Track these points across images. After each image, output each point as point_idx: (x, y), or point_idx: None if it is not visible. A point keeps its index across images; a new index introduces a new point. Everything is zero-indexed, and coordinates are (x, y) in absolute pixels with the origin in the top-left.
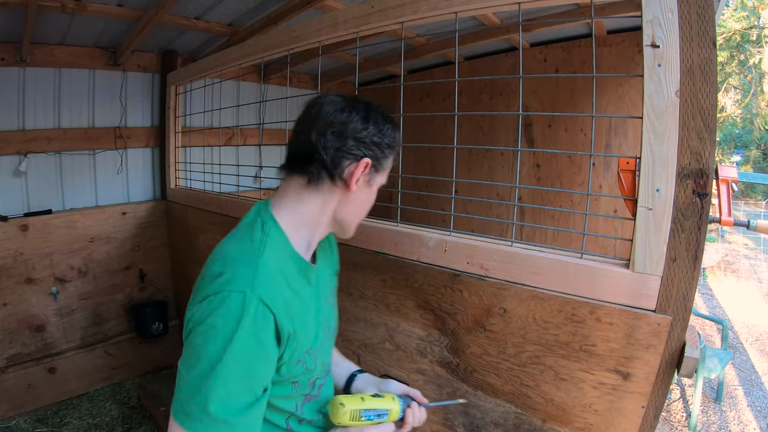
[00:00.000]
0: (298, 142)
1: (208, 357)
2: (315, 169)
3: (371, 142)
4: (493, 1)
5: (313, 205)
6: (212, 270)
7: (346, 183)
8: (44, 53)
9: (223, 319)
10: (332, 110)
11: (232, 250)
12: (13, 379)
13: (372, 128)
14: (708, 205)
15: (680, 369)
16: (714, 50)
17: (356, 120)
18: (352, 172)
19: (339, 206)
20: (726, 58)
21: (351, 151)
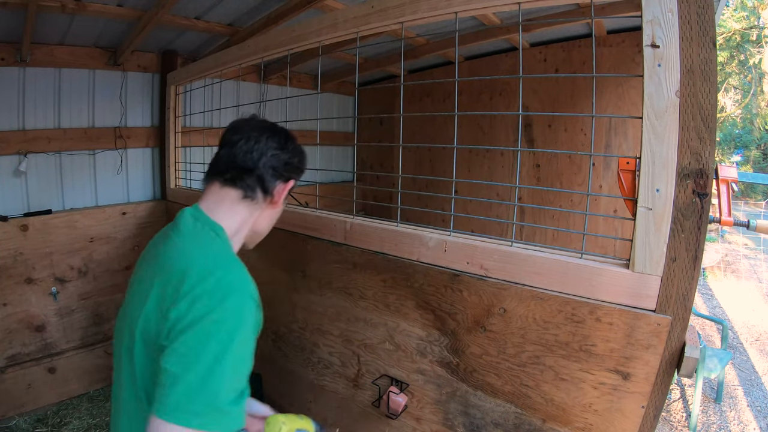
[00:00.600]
0: (238, 155)
1: (213, 353)
2: (252, 184)
3: (296, 167)
4: (493, 1)
5: (244, 218)
6: (194, 270)
7: (274, 199)
8: (44, 53)
9: (224, 316)
10: (272, 136)
11: (205, 248)
12: (13, 379)
13: (297, 157)
14: (708, 205)
15: (680, 369)
16: (714, 50)
17: (289, 148)
18: (281, 191)
19: (260, 218)
20: (726, 58)
21: (282, 174)
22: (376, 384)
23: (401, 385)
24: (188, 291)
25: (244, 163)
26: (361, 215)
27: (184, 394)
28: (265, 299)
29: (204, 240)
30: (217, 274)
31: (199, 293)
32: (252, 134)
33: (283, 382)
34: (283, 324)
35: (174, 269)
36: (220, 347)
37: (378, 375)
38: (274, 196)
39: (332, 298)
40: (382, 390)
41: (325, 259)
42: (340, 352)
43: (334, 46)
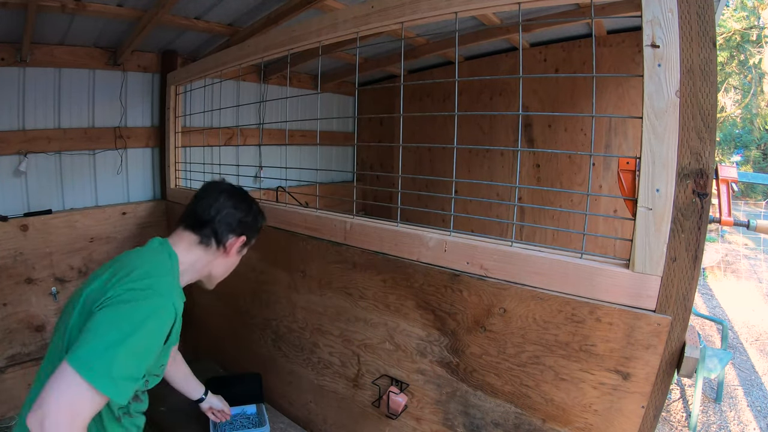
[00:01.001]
0: (199, 209)
1: (124, 331)
2: (207, 234)
3: (249, 226)
4: (493, 1)
5: (198, 258)
6: (140, 270)
7: (226, 250)
8: (44, 53)
9: (143, 308)
10: (229, 197)
11: (156, 262)
12: (13, 379)
13: (251, 217)
14: (708, 205)
15: (680, 369)
16: (714, 50)
17: (244, 209)
18: (232, 243)
19: (214, 264)
20: (726, 58)
21: (235, 230)
22: (376, 384)
23: (401, 385)
24: (127, 280)
25: (203, 216)
26: (361, 215)
27: (89, 352)
28: (265, 299)
29: (158, 256)
30: (153, 279)
31: (133, 285)
32: (214, 194)
33: (283, 382)
34: (283, 324)
35: (127, 264)
36: (128, 329)
37: (378, 375)
38: (227, 248)
39: (332, 298)
40: (382, 390)
41: (325, 259)
42: (340, 352)
43: (334, 46)
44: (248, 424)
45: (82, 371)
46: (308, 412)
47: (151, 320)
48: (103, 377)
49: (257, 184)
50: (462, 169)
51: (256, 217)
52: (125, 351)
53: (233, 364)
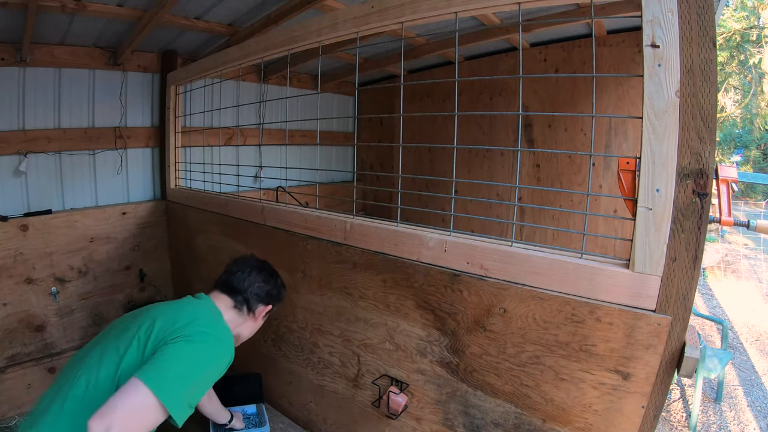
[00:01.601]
0: (234, 279)
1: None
2: (240, 301)
3: (274, 297)
4: (493, 1)
5: (233, 318)
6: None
7: (255, 316)
8: (44, 53)
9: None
10: (259, 273)
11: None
12: (13, 379)
13: (276, 290)
14: (708, 205)
15: (680, 369)
16: (714, 50)
17: (271, 283)
18: (261, 311)
19: (244, 326)
20: (726, 58)
21: (263, 300)
22: (376, 384)
23: (401, 385)
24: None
25: (237, 287)
26: (361, 215)
27: (165, 375)
28: None
29: (215, 312)
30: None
31: (206, 330)
32: (247, 269)
33: (283, 382)
34: (283, 324)
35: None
36: (201, 364)
37: (378, 375)
38: (256, 314)
39: (332, 298)
40: (382, 390)
41: (325, 259)
42: (340, 352)
43: (334, 46)
44: (248, 424)
45: (156, 389)
46: (308, 412)
47: (218, 361)
48: (173, 398)
49: (257, 184)
50: (462, 169)
51: (280, 289)
52: (194, 382)
53: (233, 364)
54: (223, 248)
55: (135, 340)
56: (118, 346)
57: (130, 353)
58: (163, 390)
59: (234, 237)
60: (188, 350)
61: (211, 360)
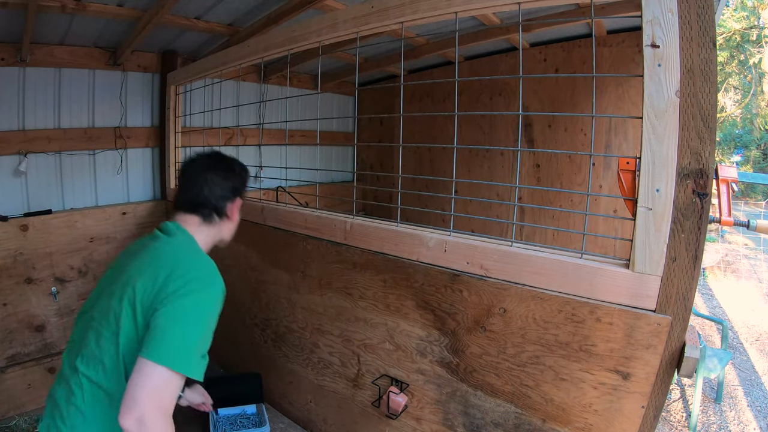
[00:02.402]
0: (191, 194)
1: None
2: (208, 212)
3: (239, 187)
4: (493, 1)
5: (207, 234)
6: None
7: (228, 217)
8: (44, 53)
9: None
10: (214, 172)
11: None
12: (13, 379)
13: (238, 179)
14: (708, 205)
15: (680, 369)
16: (714, 50)
17: (230, 177)
18: (232, 209)
19: (224, 230)
20: (726, 58)
21: (230, 199)
22: (376, 384)
23: (401, 385)
24: (183, 274)
25: (198, 199)
26: (361, 215)
27: (173, 346)
28: (265, 299)
29: (190, 245)
30: (205, 269)
31: (192, 277)
32: (199, 175)
33: (283, 382)
34: (283, 324)
35: (169, 259)
36: (198, 317)
37: (378, 375)
38: (229, 215)
39: (332, 298)
40: (382, 390)
41: (325, 259)
42: (340, 352)
43: (334, 46)
44: (248, 424)
45: (167, 362)
46: (308, 412)
47: (213, 303)
48: (187, 363)
49: (257, 184)
50: (462, 169)
51: (243, 176)
52: (200, 335)
53: (233, 364)
54: (222, 248)
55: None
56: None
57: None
58: (174, 360)
59: (234, 237)
60: (182, 310)
61: (207, 306)
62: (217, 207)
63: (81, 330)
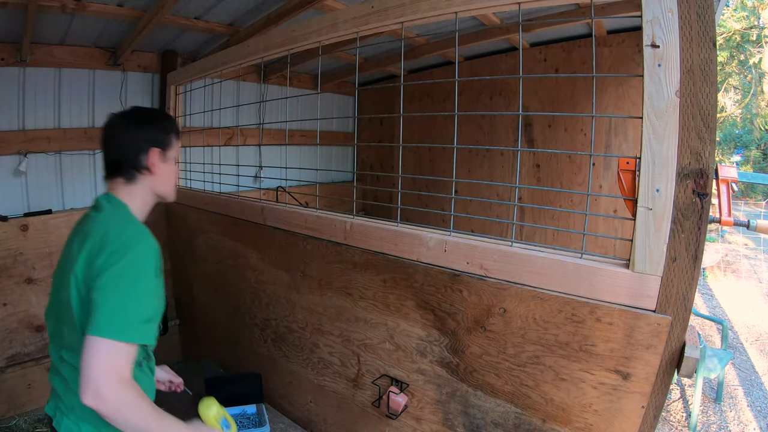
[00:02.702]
0: (109, 156)
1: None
2: (127, 171)
3: (151, 137)
4: (493, 1)
5: (137, 194)
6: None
7: (149, 170)
8: (44, 53)
9: (135, 259)
10: (122, 128)
11: (120, 221)
12: (13, 379)
13: (148, 127)
14: (708, 205)
15: (680, 369)
16: (714, 50)
17: (136, 127)
18: (151, 161)
19: (154, 186)
20: (726, 58)
21: (142, 149)
22: (376, 384)
23: (401, 385)
24: (107, 246)
25: (114, 160)
26: (361, 215)
27: (106, 316)
28: (265, 299)
29: (115, 213)
30: (126, 233)
31: (114, 247)
32: (110, 135)
33: (283, 382)
34: (283, 324)
35: (97, 234)
36: (128, 282)
37: (378, 375)
38: (149, 168)
39: (332, 298)
40: (382, 390)
41: (325, 259)
42: (340, 352)
43: (334, 46)
44: (248, 424)
45: (108, 334)
46: (308, 412)
47: (140, 264)
48: (127, 330)
49: (257, 184)
50: (462, 169)
51: (157, 124)
52: (134, 299)
53: (233, 364)
54: (223, 248)
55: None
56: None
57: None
58: (113, 330)
59: (234, 237)
60: (111, 280)
61: (134, 270)
62: (133, 164)
63: (53, 323)
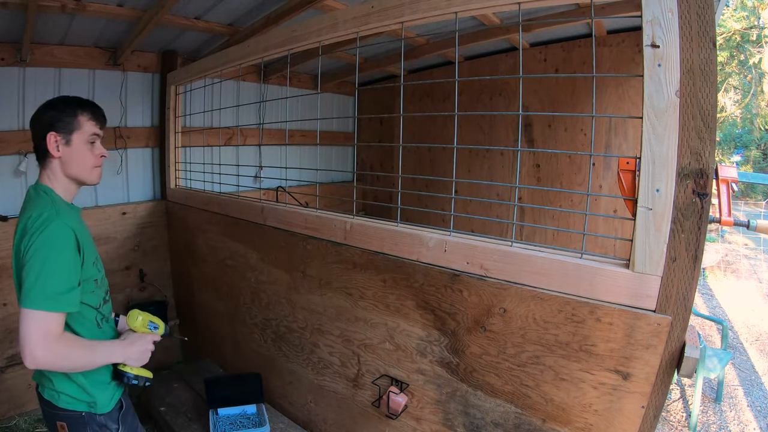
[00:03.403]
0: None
1: (38, 261)
2: (39, 156)
3: (48, 123)
4: (493, 1)
5: (54, 178)
6: (32, 218)
7: (51, 155)
8: (44, 53)
9: (47, 237)
10: (34, 120)
11: (38, 206)
12: (13, 379)
13: (47, 113)
14: (708, 205)
15: (680, 369)
16: (714, 50)
17: (38, 113)
18: (48, 145)
19: (63, 168)
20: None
21: (41, 134)
22: (376, 384)
23: (401, 385)
24: (27, 231)
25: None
26: (361, 215)
27: (26, 290)
28: (265, 299)
29: (37, 199)
30: (41, 216)
31: (32, 231)
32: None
33: (283, 382)
34: (283, 324)
35: (22, 221)
36: (41, 258)
37: (378, 375)
38: (50, 152)
39: (332, 298)
40: (382, 390)
41: (325, 259)
42: (340, 351)
43: (334, 46)
44: (248, 424)
45: (29, 305)
46: (308, 412)
47: (52, 241)
48: (44, 299)
49: (257, 184)
50: (462, 169)
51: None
52: (48, 273)
53: (233, 364)
54: (223, 248)
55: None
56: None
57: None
58: (37, 302)
59: (234, 237)
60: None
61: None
62: (38, 147)
63: None
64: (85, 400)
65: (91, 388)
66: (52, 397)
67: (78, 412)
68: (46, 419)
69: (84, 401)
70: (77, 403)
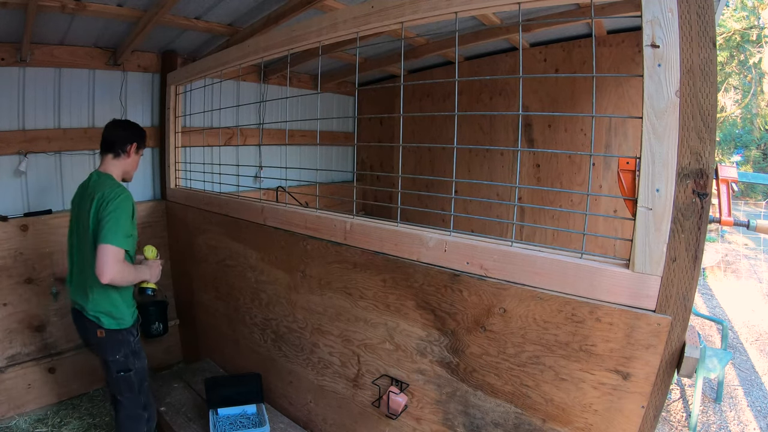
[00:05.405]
0: (108, 140)
1: (115, 215)
2: (117, 150)
3: (139, 135)
4: (493, 1)
5: (116, 166)
6: (108, 190)
7: (128, 154)
8: (44, 53)
9: (120, 202)
10: (122, 129)
11: (110, 184)
12: (13, 379)
13: (139, 130)
14: (708, 205)
15: (680, 369)
16: (714, 50)
17: (129, 129)
18: (129, 149)
19: (124, 166)
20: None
21: (127, 142)
22: (376, 384)
23: (401, 385)
24: (105, 197)
25: (110, 141)
26: (361, 215)
27: (106, 233)
28: (265, 299)
29: (106, 179)
30: (113, 191)
31: (108, 197)
32: (113, 130)
33: (282, 382)
34: (283, 324)
35: (100, 192)
36: (117, 213)
37: (378, 375)
38: (128, 153)
39: (332, 298)
40: (382, 390)
41: (325, 259)
42: (340, 352)
43: (334, 46)
44: (248, 424)
45: (108, 241)
46: (308, 412)
47: (123, 203)
48: (120, 239)
49: (257, 184)
50: (462, 169)
51: (135, 130)
52: (121, 224)
53: (233, 364)
54: (223, 248)
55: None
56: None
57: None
58: (113, 239)
59: (234, 237)
60: (110, 211)
61: (121, 205)
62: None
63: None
64: (116, 318)
65: (122, 306)
66: (96, 318)
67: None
68: (88, 332)
69: (116, 319)
70: (111, 321)
